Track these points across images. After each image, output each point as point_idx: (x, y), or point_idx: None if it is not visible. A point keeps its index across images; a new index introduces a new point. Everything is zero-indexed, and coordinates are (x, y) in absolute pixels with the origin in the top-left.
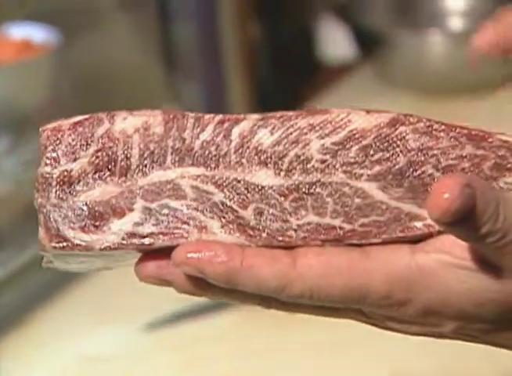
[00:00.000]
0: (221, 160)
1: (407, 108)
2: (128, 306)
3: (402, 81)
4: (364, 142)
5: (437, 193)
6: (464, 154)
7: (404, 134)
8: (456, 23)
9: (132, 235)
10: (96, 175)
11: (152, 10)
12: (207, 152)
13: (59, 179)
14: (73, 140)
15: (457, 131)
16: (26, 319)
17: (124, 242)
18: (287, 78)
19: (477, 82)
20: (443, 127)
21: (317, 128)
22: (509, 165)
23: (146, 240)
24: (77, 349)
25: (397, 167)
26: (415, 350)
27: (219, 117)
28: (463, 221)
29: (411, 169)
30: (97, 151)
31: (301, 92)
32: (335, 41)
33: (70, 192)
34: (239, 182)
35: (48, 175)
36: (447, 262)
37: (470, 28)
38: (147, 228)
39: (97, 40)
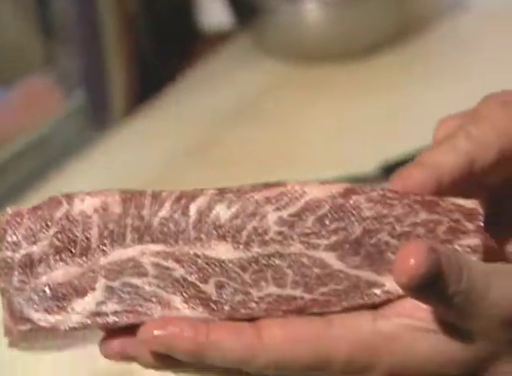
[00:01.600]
0: (180, 236)
1: (285, 76)
2: None
3: (279, 49)
4: (320, 213)
5: (403, 259)
6: (418, 221)
7: (358, 203)
8: None
9: (96, 314)
10: (57, 257)
11: None
12: (165, 229)
13: (20, 263)
14: (32, 223)
15: (411, 198)
16: None
17: (89, 321)
18: (167, 48)
19: (354, 48)
20: (396, 195)
21: (273, 200)
22: (463, 228)
23: (110, 319)
24: None
25: (353, 236)
26: None
27: (176, 193)
28: (430, 285)
29: (367, 237)
30: (57, 233)
31: (180, 61)
32: (212, 10)
33: (32, 274)
34: (198, 257)
35: (9, 260)
36: (409, 325)
37: None
38: (110, 306)
39: None
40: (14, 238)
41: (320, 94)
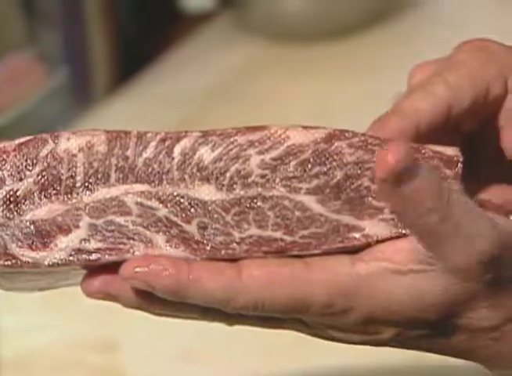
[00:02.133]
0: (164, 176)
1: (266, 55)
2: None
3: (260, 29)
4: (302, 157)
5: (382, 156)
6: None
7: (340, 148)
8: None
9: (79, 251)
10: (42, 194)
11: None
12: (150, 169)
13: (5, 199)
14: (18, 160)
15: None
16: None
17: (71, 258)
18: (149, 27)
19: (335, 28)
20: (378, 141)
21: (256, 144)
22: (442, 175)
23: (93, 256)
24: None
25: (334, 180)
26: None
27: (161, 135)
28: (408, 180)
29: (348, 182)
30: (42, 171)
31: (162, 40)
32: None
33: (16, 211)
34: (182, 197)
35: None
36: (387, 269)
37: None
38: (93, 244)
39: None
40: None
41: (301, 73)
